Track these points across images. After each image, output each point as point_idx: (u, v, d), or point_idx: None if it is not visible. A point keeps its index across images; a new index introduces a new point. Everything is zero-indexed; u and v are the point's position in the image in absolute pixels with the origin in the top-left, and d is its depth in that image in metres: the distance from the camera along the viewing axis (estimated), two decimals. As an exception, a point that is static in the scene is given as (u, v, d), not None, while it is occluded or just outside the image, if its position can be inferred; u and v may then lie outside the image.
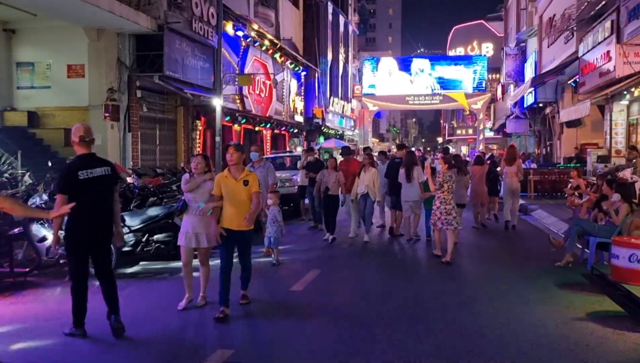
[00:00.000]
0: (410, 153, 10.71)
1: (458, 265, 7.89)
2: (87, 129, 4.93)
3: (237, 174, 5.55)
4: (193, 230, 5.77)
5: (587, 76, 16.25)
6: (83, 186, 4.73)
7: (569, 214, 11.94)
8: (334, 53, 32.17)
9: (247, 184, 5.50)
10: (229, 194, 5.50)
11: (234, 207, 5.47)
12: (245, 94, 19.19)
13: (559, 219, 11.63)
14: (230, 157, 5.53)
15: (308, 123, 28.56)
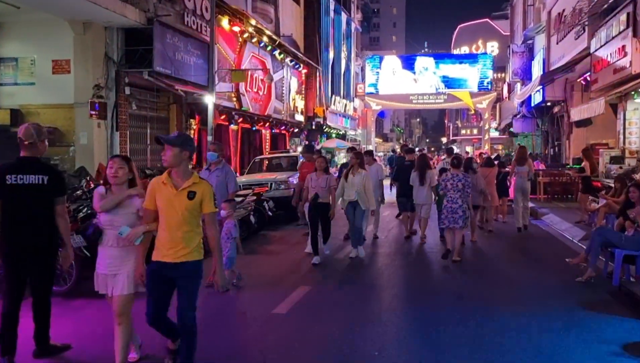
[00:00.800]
0: (424, 156, 10.89)
1: (469, 282, 7.16)
2: (27, 131, 4.22)
3: (180, 180, 3.75)
4: (109, 269, 4.04)
5: (600, 73, 15.45)
6: (9, 192, 4.04)
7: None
8: (336, 51, 31.41)
9: (192, 197, 3.72)
10: (164, 210, 3.76)
11: (169, 231, 3.75)
12: (242, 92, 18.46)
13: (572, 225, 10.87)
14: (163, 155, 3.78)
15: (309, 122, 27.82)
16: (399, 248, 9.76)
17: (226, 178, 7.15)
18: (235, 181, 7.33)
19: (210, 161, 7.34)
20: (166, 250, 3.75)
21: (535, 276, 7.20)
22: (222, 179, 7.06)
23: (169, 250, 3.75)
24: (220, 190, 6.84)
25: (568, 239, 9.91)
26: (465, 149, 51.24)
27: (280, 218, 12.26)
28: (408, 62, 38.32)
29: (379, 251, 9.26)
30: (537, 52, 26.05)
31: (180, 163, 3.73)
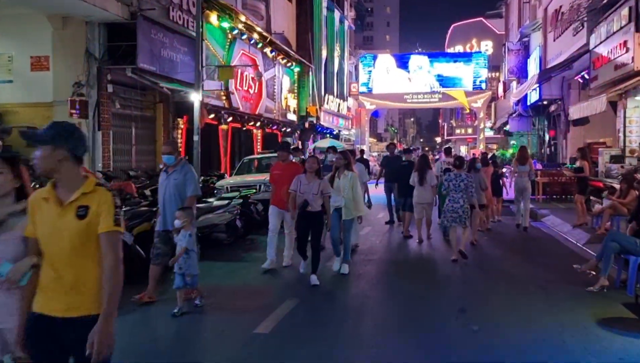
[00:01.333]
0: (424, 157, 10.80)
1: (470, 293, 6.59)
2: None
3: (65, 192, 2.55)
4: None
5: (600, 70, 14.99)
6: None
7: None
8: (329, 49, 30.90)
9: (83, 214, 2.51)
10: (45, 237, 2.56)
11: (52, 267, 2.54)
12: (231, 90, 17.90)
13: (575, 228, 10.38)
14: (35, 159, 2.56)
15: (302, 122, 27.27)
16: (394, 254, 9.25)
17: (184, 181, 6.02)
18: (195, 184, 6.15)
19: (167, 165, 6.21)
20: (50, 300, 2.53)
21: (542, 286, 6.59)
22: (180, 182, 6.03)
23: (54, 298, 2.52)
24: (180, 195, 5.98)
25: (572, 242, 9.42)
26: (459, 149, 50.82)
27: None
28: (402, 61, 37.89)
29: (373, 258, 8.71)
30: (533, 49, 25.62)
31: (58, 168, 2.52)
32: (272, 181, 8.30)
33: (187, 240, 5.56)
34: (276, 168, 8.16)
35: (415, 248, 9.66)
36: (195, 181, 6.19)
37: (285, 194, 7.35)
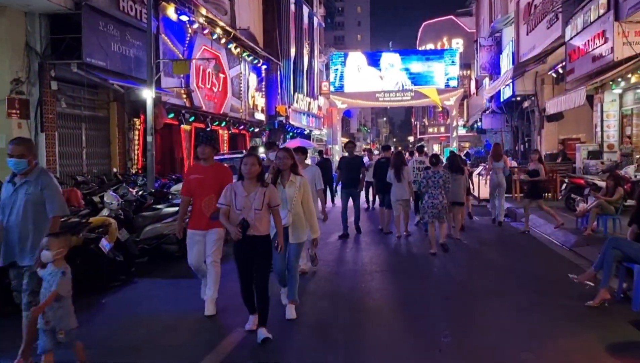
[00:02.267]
0: (399, 154, 10.82)
1: (453, 312, 5.53)
2: None
3: None
4: None
5: (577, 62, 14.47)
6: None
7: (569, 222, 10.02)
8: (298, 46, 29.98)
9: None
10: None
11: None
12: (192, 88, 16.85)
13: (559, 229, 9.68)
14: None
15: (271, 121, 26.31)
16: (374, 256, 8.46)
17: (42, 196, 4.40)
18: (58, 199, 4.49)
19: (15, 172, 4.49)
20: None
21: (535, 301, 5.66)
22: (35, 199, 4.40)
23: None
24: (35, 216, 4.40)
25: (557, 245, 8.70)
26: (432, 148, 50.48)
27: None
28: (373, 59, 37.17)
29: (351, 260, 7.88)
30: (505, 45, 25.18)
31: None
32: (185, 192, 5.74)
33: (59, 281, 3.86)
34: (194, 171, 5.76)
35: (394, 247, 9.37)
36: (58, 195, 4.50)
37: (207, 208, 5.39)
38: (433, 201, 8.67)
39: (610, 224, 8.82)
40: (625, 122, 14.88)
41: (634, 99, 14.23)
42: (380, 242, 9.83)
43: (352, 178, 10.33)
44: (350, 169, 10.36)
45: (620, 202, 8.68)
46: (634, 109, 14.45)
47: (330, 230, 10.33)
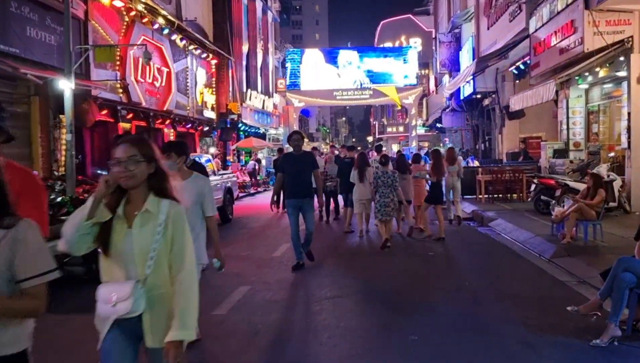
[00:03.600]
0: (363, 154, 10.86)
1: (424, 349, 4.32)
2: None
3: None
4: None
5: (542, 55, 13.66)
6: None
7: (542, 228, 9.05)
8: (251, 41, 28.54)
9: None
10: None
11: None
12: (130, 82, 15.26)
13: (533, 235, 8.67)
14: None
15: (222, 120, 24.77)
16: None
17: None
18: None
19: None
20: None
21: (527, 341, 4.29)
22: None
23: None
24: None
25: (534, 256, 7.64)
26: (391, 147, 49.83)
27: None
28: (331, 56, 36.16)
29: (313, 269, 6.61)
30: (465, 41, 24.49)
31: None
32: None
33: None
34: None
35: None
36: None
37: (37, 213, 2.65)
38: (384, 199, 8.99)
39: (591, 230, 7.87)
40: (592, 119, 14.19)
41: (600, 94, 13.53)
42: (347, 271, 7.48)
43: (301, 183, 7.39)
44: (297, 171, 7.39)
45: (602, 206, 7.74)
46: (600, 106, 13.75)
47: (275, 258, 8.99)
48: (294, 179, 7.36)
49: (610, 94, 12.76)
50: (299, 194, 7.30)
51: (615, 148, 12.81)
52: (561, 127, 14.78)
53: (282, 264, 7.71)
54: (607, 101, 13.32)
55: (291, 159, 7.53)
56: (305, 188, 7.39)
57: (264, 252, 8.73)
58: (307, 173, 7.49)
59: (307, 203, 7.39)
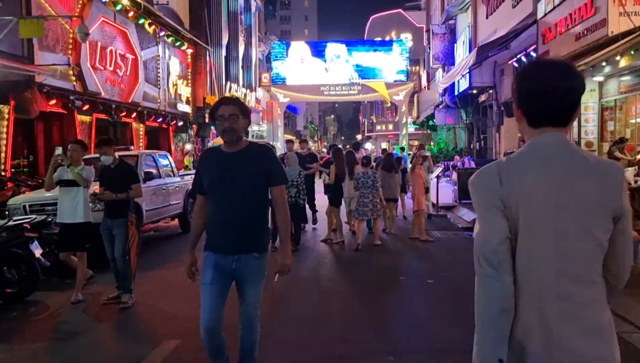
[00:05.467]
0: (351, 153, 10.85)
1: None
2: None
3: None
4: None
5: (553, 43, 12.05)
6: None
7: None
8: (232, 31, 26.70)
9: None
10: None
11: None
12: (86, 68, 13.45)
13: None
14: None
15: (199, 114, 22.95)
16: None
17: None
18: None
19: None
20: None
21: None
22: None
23: None
24: None
25: None
26: (380, 145, 48.23)
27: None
28: (318, 50, 34.39)
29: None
30: (460, 33, 22.87)
31: None
32: None
33: None
34: None
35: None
36: None
37: None
38: (363, 200, 9.24)
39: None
40: (607, 115, 12.63)
41: (618, 88, 11.95)
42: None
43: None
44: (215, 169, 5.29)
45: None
46: (617, 101, 12.19)
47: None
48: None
49: (634, 86, 11.18)
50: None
51: (635, 148, 11.27)
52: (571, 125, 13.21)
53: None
54: (626, 95, 11.76)
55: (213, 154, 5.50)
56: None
57: None
58: None
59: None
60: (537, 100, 1.74)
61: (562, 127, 1.77)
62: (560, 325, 1.63)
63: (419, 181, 10.32)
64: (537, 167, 1.70)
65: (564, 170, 1.69)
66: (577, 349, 1.62)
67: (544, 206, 1.67)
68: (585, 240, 1.66)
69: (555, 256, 1.65)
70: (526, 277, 1.68)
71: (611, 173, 1.69)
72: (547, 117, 1.75)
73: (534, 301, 1.66)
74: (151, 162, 9.59)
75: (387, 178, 10.52)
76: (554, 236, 1.66)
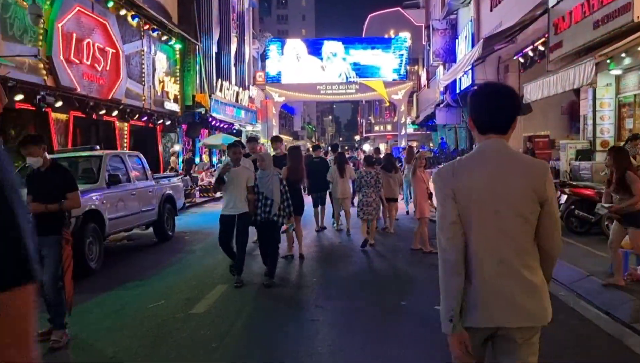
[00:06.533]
0: (341, 154, 11.43)
1: None
2: None
3: None
4: None
5: (567, 33, 11.01)
6: None
7: (588, 259, 6.39)
8: (224, 27, 25.63)
9: None
10: None
11: None
12: (59, 61, 12.38)
13: (584, 273, 5.95)
14: None
15: (189, 113, 21.88)
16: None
17: None
18: None
19: None
20: None
21: None
22: None
23: None
24: None
25: (598, 315, 4.93)
26: (379, 146, 47.14)
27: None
28: (314, 47, 33.37)
29: None
30: (462, 28, 21.84)
31: None
32: None
33: None
34: None
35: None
36: None
37: None
38: (367, 199, 9.19)
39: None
40: (624, 112, 11.59)
41: (638, 82, 10.91)
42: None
43: None
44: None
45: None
46: (637, 96, 11.15)
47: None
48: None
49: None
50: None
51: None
52: (585, 123, 12.17)
53: (199, 333, 4.82)
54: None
55: None
56: None
57: (182, 302, 5.82)
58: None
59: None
60: (484, 114, 2.21)
61: (503, 135, 2.20)
62: (499, 282, 2.11)
63: (421, 186, 8.78)
64: (481, 165, 2.18)
65: (500, 167, 2.16)
66: (514, 300, 2.10)
67: (486, 195, 2.14)
68: (518, 219, 2.13)
69: (495, 232, 2.13)
70: (474, 249, 2.14)
71: (538, 170, 2.17)
72: (491, 127, 2.20)
73: (480, 266, 2.13)
74: (118, 164, 8.46)
75: (387, 178, 10.55)
76: (494, 217, 2.13)
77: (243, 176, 6.60)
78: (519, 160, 2.19)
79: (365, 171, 9.39)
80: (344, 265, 7.83)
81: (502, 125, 2.17)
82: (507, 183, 2.11)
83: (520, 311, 2.08)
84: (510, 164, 2.15)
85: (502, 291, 2.08)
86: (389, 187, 10.60)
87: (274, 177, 6.80)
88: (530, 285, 2.10)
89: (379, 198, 9.45)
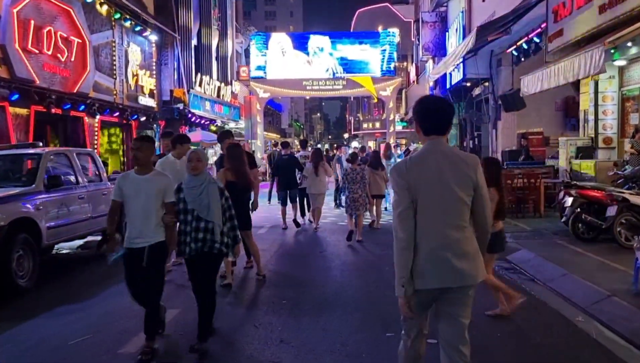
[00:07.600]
0: (318, 150, 11.93)
1: None
2: None
3: None
4: None
5: (568, 20, 10.11)
6: None
7: (605, 271, 5.48)
8: (204, 18, 24.53)
9: None
10: None
11: None
12: (13, 51, 11.29)
13: (605, 292, 5.02)
14: None
15: (166, 108, 20.79)
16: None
17: None
18: None
19: None
20: None
21: None
22: None
23: None
24: None
25: (613, 341, 3.98)
26: (368, 144, 46.31)
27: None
28: (300, 42, 32.34)
29: None
30: (452, 20, 20.96)
31: None
32: None
33: None
34: None
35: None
36: None
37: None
38: (353, 195, 9.45)
39: None
40: (629, 107, 10.75)
41: (644, 74, 10.08)
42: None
43: None
44: None
45: None
46: (643, 89, 10.31)
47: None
48: None
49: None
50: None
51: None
52: (586, 118, 11.32)
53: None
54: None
55: None
56: None
57: (113, 337, 4.73)
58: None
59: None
60: (427, 118, 2.79)
61: (442, 135, 2.80)
62: (443, 252, 2.66)
63: None
64: (426, 160, 2.73)
65: (444, 161, 2.71)
66: (454, 265, 2.65)
67: (432, 183, 2.69)
68: (458, 202, 2.70)
69: (440, 213, 2.68)
70: (423, 227, 2.68)
71: (472, 161, 2.79)
72: (433, 129, 2.78)
73: (427, 241, 2.67)
74: (62, 164, 7.39)
75: (373, 175, 10.77)
76: (439, 200, 2.68)
77: (153, 188, 4.37)
78: (457, 155, 2.79)
79: (350, 168, 9.71)
80: (319, 279, 6.83)
81: (442, 128, 2.78)
82: (449, 172, 2.69)
83: (459, 274, 2.66)
84: (451, 158, 2.74)
85: (445, 259, 2.65)
86: (376, 183, 10.84)
87: (209, 186, 4.42)
88: (466, 253, 2.68)
89: (365, 194, 9.67)
